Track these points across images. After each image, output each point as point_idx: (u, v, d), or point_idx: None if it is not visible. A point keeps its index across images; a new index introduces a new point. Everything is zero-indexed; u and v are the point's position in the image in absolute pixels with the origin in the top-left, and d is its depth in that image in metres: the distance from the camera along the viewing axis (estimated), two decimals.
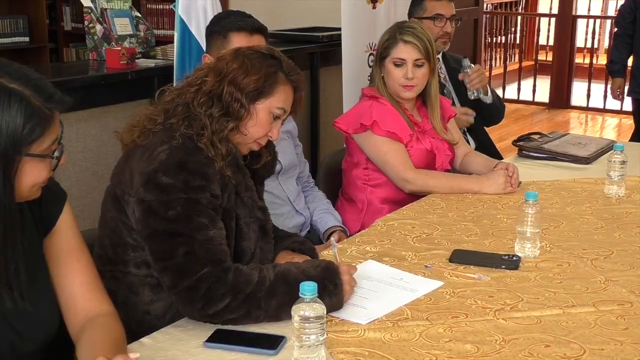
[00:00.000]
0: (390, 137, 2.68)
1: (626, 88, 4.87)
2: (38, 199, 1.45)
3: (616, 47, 4.74)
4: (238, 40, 2.39)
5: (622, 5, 4.82)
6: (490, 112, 3.51)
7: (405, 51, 2.68)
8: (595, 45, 8.76)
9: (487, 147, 3.43)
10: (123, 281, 1.80)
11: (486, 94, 3.41)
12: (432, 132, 2.81)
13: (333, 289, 1.68)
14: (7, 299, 1.41)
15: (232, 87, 1.81)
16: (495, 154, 3.39)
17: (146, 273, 1.78)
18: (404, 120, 2.72)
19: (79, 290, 1.54)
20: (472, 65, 3.35)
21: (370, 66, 3.54)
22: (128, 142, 1.82)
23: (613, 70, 4.82)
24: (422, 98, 2.82)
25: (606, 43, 9.30)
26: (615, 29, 4.84)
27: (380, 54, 2.74)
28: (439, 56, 3.41)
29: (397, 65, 2.69)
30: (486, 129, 3.62)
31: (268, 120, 1.86)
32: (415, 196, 2.70)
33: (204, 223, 1.69)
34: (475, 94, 3.33)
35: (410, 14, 3.42)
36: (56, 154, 1.38)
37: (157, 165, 1.70)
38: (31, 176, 1.35)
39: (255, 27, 2.45)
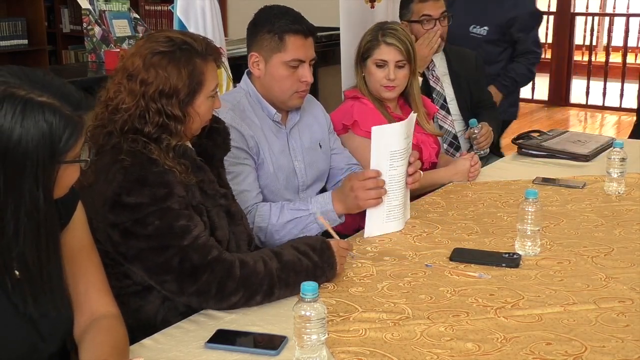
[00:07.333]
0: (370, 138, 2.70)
1: None
2: None
3: None
4: (294, 42, 2.31)
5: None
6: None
7: (387, 52, 2.72)
8: (594, 43, 8.76)
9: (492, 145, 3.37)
10: None
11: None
12: (417, 128, 2.84)
13: (329, 270, 1.85)
14: (49, 303, 1.41)
15: (159, 104, 1.72)
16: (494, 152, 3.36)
17: (129, 283, 1.77)
18: (386, 120, 2.74)
19: (87, 290, 1.53)
20: (479, 125, 3.18)
21: None
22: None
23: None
24: (404, 97, 2.88)
25: (605, 40, 9.29)
26: None
27: (362, 54, 2.77)
28: (439, 54, 3.40)
29: (378, 66, 2.73)
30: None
31: (209, 107, 1.83)
32: (414, 195, 2.71)
33: (184, 225, 1.69)
34: (481, 153, 3.17)
35: (400, 17, 3.39)
36: (85, 156, 1.40)
37: (117, 188, 1.66)
38: (66, 180, 1.38)
39: (310, 30, 2.36)
